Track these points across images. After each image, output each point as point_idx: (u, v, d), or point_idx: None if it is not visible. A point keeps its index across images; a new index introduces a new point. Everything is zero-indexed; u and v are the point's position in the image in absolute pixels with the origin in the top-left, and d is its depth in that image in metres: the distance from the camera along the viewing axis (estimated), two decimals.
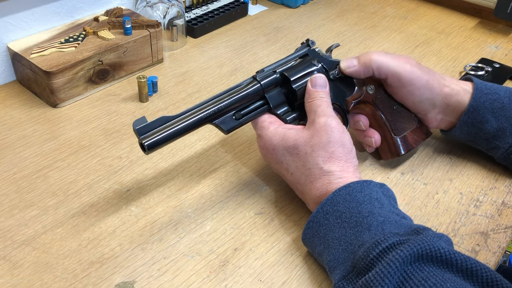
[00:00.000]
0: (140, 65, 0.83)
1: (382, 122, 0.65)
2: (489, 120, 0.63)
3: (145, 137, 0.53)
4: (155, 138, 0.53)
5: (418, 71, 0.62)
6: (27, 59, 0.72)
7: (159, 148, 0.54)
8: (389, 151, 0.65)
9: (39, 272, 0.51)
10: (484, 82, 0.64)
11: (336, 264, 0.48)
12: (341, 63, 0.63)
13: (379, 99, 0.64)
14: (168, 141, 0.54)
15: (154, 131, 0.54)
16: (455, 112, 0.64)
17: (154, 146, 0.53)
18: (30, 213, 0.57)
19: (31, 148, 0.67)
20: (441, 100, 0.63)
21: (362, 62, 0.62)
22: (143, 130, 0.54)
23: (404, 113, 0.65)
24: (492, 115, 0.62)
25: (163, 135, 0.54)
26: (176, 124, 0.55)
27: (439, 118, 0.65)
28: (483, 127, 0.63)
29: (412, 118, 0.65)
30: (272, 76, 0.60)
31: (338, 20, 1.06)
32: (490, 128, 0.63)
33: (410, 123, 0.65)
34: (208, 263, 0.53)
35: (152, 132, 0.54)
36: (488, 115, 0.62)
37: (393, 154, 0.65)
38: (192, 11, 0.99)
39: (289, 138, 0.56)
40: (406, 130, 0.65)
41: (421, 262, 0.43)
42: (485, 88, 0.63)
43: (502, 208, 0.62)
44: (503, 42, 0.99)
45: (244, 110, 0.59)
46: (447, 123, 0.66)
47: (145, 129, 0.54)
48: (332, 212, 0.50)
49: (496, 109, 0.62)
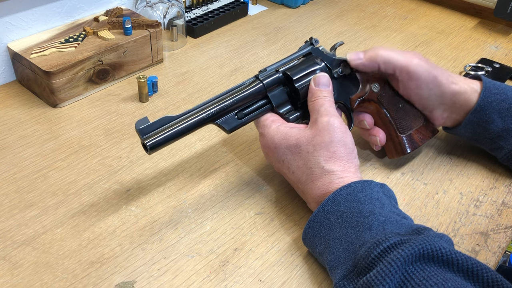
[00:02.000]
0: (140, 65, 0.83)
1: (387, 121, 0.64)
2: (495, 120, 0.62)
3: (147, 137, 0.53)
4: (157, 138, 0.54)
5: (426, 65, 0.62)
6: (27, 59, 0.72)
7: (161, 148, 0.54)
8: (394, 150, 0.65)
9: (39, 272, 0.51)
10: (493, 81, 0.64)
11: (336, 264, 0.48)
12: (348, 55, 0.63)
13: (384, 97, 0.64)
14: (171, 141, 0.55)
15: (157, 131, 0.54)
16: (462, 110, 0.64)
17: (156, 146, 0.54)
18: (30, 213, 0.57)
19: (31, 148, 0.67)
20: (448, 97, 0.63)
21: (368, 56, 0.62)
22: (146, 130, 0.54)
23: (410, 111, 0.64)
24: (499, 116, 0.62)
25: (166, 135, 0.54)
26: (179, 124, 0.55)
27: (445, 115, 0.65)
28: (489, 127, 0.63)
29: (418, 116, 0.65)
30: (274, 76, 0.60)
31: (338, 20, 1.06)
32: (495, 128, 0.63)
33: (416, 121, 0.64)
34: (208, 263, 0.53)
35: (154, 132, 0.54)
36: (495, 115, 0.62)
37: (398, 153, 0.65)
38: (192, 11, 0.99)
39: (291, 137, 0.56)
40: (412, 128, 0.64)
41: (422, 262, 0.43)
42: (493, 88, 0.63)
43: (502, 208, 0.62)
44: (503, 42, 0.99)
45: (247, 109, 0.59)
46: (453, 120, 0.66)
47: (148, 129, 0.54)
48: (333, 212, 0.50)
49: (503, 109, 0.62)
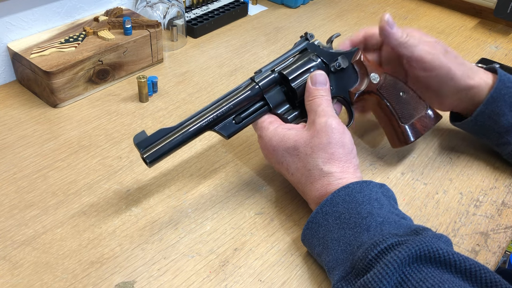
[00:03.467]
0: (140, 65, 0.83)
1: (388, 111, 0.64)
2: (505, 114, 0.62)
3: (146, 151, 0.54)
4: (156, 152, 0.54)
5: (442, 58, 0.62)
6: (27, 59, 0.72)
7: (161, 160, 0.55)
8: (397, 139, 0.65)
9: (39, 272, 0.51)
10: (508, 74, 0.64)
11: (335, 265, 0.48)
12: (387, 16, 0.63)
13: (384, 87, 0.63)
14: (170, 152, 0.55)
15: (155, 144, 0.55)
16: (473, 101, 0.64)
17: (156, 159, 0.54)
18: (30, 213, 0.57)
19: (31, 148, 0.67)
20: (462, 90, 0.63)
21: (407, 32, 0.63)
22: (144, 144, 0.54)
23: (411, 100, 0.64)
24: (510, 109, 0.62)
25: (164, 148, 0.55)
26: (177, 135, 0.55)
27: (454, 104, 0.66)
28: (499, 119, 0.63)
29: (420, 104, 0.64)
30: (270, 76, 0.60)
31: (338, 20, 1.06)
32: (505, 122, 0.62)
33: (418, 109, 0.64)
34: (208, 263, 0.53)
35: (153, 146, 0.55)
36: (506, 108, 0.62)
37: (402, 142, 0.64)
38: (192, 11, 0.99)
39: (289, 139, 0.56)
40: (414, 117, 0.64)
41: (420, 263, 0.43)
42: (507, 81, 0.63)
43: (502, 208, 0.62)
44: (503, 42, 0.99)
45: (244, 113, 0.59)
46: (462, 109, 0.66)
47: (146, 143, 0.54)
48: (331, 213, 0.50)
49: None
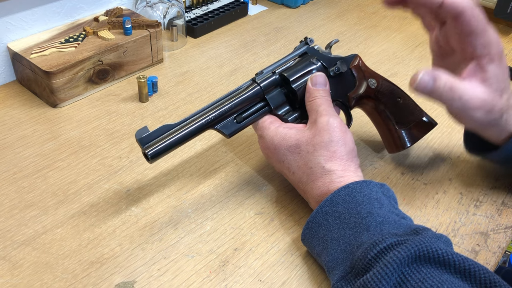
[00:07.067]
0: (140, 65, 0.83)
1: (385, 116, 0.64)
2: None
3: (148, 147, 0.54)
4: (158, 147, 0.54)
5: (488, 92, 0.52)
6: (27, 59, 0.72)
7: (162, 157, 0.55)
8: (394, 144, 0.65)
9: (39, 272, 0.51)
10: None
11: (334, 265, 0.48)
12: None
13: (381, 92, 0.63)
14: (171, 149, 0.55)
15: (157, 140, 0.55)
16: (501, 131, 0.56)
17: (157, 155, 0.54)
18: (30, 213, 0.57)
19: (31, 148, 0.67)
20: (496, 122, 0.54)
21: None
22: (146, 139, 0.54)
23: (409, 105, 0.64)
24: None
25: (166, 144, 0.55)
26: (178, 132, 0.55)
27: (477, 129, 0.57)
28: None
29: (417, 110, 0.64)
30: (271, 78, 0.60)
31: (338, 20, 1.06)
32: None
33: (415, 115, 0.64)
34: (208, 263, 0.53)
35: (154, 141, 0.55)
36: None
37: (398, 147, 0.64)
38: (192, 11, 0.99)
39: (290, 138, 0.56)
40: (411, 122, 0.64)
41: (419, 263, 0.43)
42: None
43: (502, 208, 0.62)
44: (503, 42, 0.99)
45: (245, 113, 0.59)
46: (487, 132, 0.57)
47: (148, 139, 0.54)
48: (331, 213, 0.50)
49: None
